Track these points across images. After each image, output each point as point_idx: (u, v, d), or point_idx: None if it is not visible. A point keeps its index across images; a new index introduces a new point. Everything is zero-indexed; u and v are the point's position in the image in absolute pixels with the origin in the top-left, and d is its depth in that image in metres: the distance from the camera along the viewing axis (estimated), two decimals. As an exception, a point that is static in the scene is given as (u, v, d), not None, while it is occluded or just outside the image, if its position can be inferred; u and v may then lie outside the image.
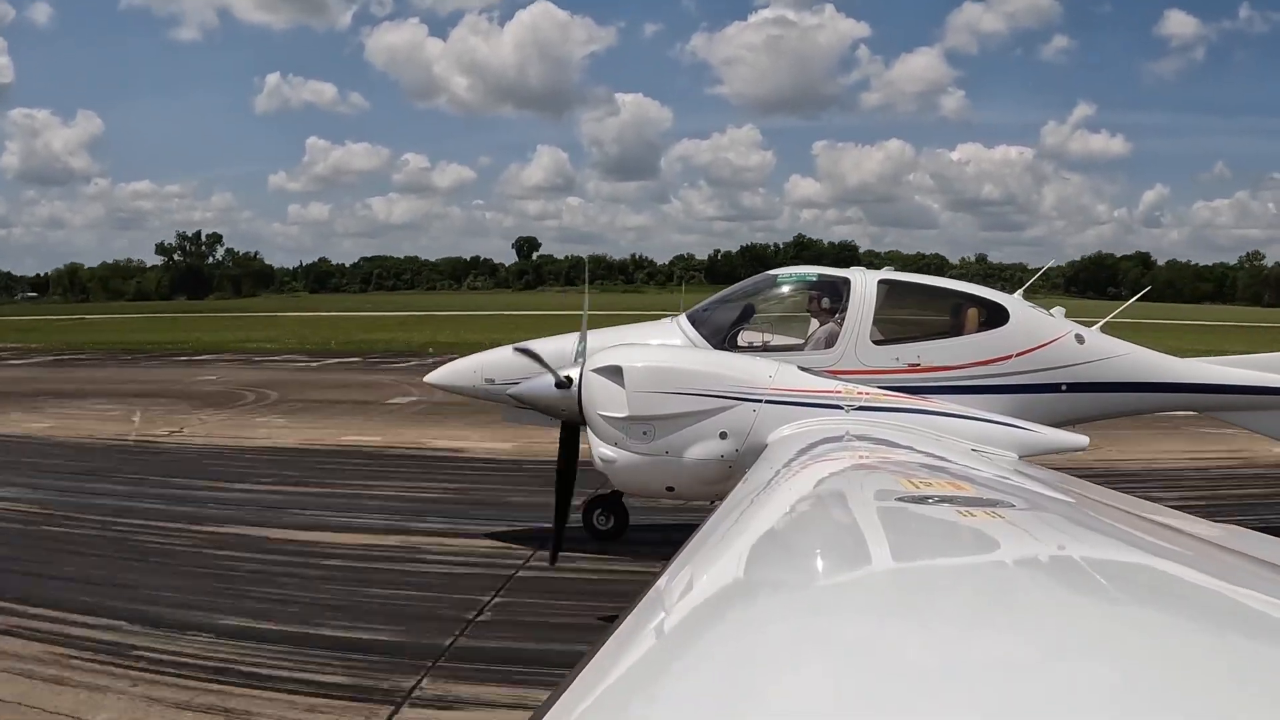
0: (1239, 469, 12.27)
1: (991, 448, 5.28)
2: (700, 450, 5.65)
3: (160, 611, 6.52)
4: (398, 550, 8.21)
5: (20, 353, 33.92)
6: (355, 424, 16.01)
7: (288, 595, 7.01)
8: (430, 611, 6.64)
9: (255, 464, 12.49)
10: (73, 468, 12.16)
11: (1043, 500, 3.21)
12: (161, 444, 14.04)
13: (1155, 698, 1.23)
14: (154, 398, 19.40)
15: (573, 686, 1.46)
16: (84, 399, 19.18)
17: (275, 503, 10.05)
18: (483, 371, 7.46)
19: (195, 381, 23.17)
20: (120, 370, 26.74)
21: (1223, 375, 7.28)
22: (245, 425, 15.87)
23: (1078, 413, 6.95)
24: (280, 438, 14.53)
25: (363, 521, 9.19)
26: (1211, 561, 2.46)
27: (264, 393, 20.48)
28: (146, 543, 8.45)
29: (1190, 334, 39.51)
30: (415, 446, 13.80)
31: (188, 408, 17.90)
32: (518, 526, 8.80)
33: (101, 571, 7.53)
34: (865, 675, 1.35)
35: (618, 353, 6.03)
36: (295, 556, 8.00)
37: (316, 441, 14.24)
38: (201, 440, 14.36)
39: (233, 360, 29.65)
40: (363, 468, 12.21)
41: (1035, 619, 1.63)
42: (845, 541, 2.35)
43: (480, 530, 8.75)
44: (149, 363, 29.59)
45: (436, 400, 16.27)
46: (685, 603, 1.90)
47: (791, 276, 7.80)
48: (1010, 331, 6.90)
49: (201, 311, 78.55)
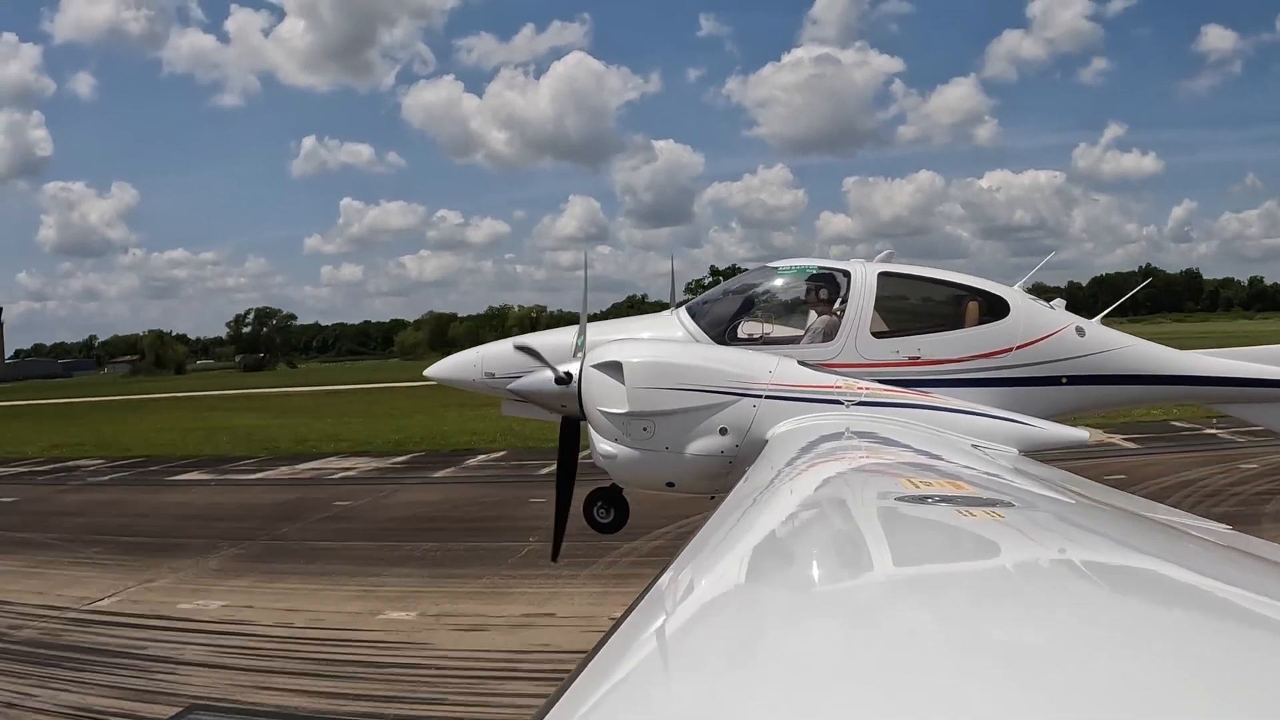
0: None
1: (992, 443, 5.28)
2: (701, 446, 5.65)
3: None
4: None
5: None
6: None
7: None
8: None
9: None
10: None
11: (1043, 499, 3.22)
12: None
13: (1155, 697, 1.23)
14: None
15: (574, 686, 1.47)
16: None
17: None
18: (484, 365, 7.43)
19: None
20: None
21: (1225, 368, 7.26)
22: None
23: (1079, 405, 6.94)
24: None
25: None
26: (1210, 561, 2.47)
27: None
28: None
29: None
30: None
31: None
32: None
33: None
34: (865, 676, 1.35)
35: (617, 348, 6.02)
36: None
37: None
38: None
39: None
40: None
41: (1035, 619, 1.63)
42: (846, 543, 2.35)
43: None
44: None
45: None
46: (686, 604, 1.91)
47: (791, 269, 7.77)
48: (1011, 324, 6.88)
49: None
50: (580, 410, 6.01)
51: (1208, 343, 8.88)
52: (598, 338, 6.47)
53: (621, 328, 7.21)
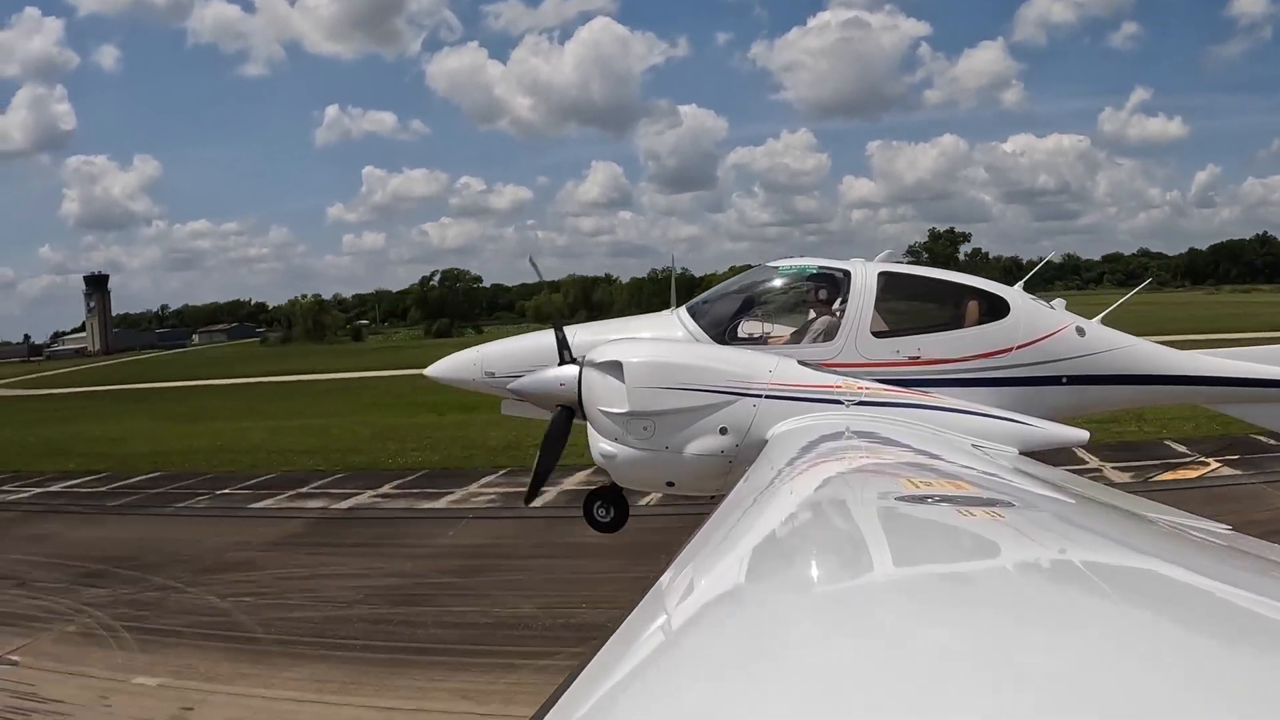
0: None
1: (992, 443, 5.28)
2: (700, 446, 5.65)
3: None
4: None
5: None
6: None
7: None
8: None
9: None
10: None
11: (1043, 499, 3.22)
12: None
13: (1155, 696, 1.23)
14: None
15: (575, 686, 1.47)
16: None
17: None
18: (484, 364, 7.43)
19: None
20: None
21: (1225, 368, 7.26)
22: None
23: (1079, 405, 6.93)
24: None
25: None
26: (1210, 561, 2.47)
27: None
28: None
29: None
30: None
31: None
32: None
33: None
34: (866, 675, 1.35)
35: (617, 347, 6.02)
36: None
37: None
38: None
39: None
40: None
41: (1035, 619, 1.63)
42: (846, 543, 2.36)
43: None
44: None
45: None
46: (686, 604, 1.91)
47: (791, 268, 7.76)
48: (1011, 324, 6.87)
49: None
50: (580, 410, 6.01)
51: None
52: (598, 337, 6.47)
53: (621, 327, 7.21)
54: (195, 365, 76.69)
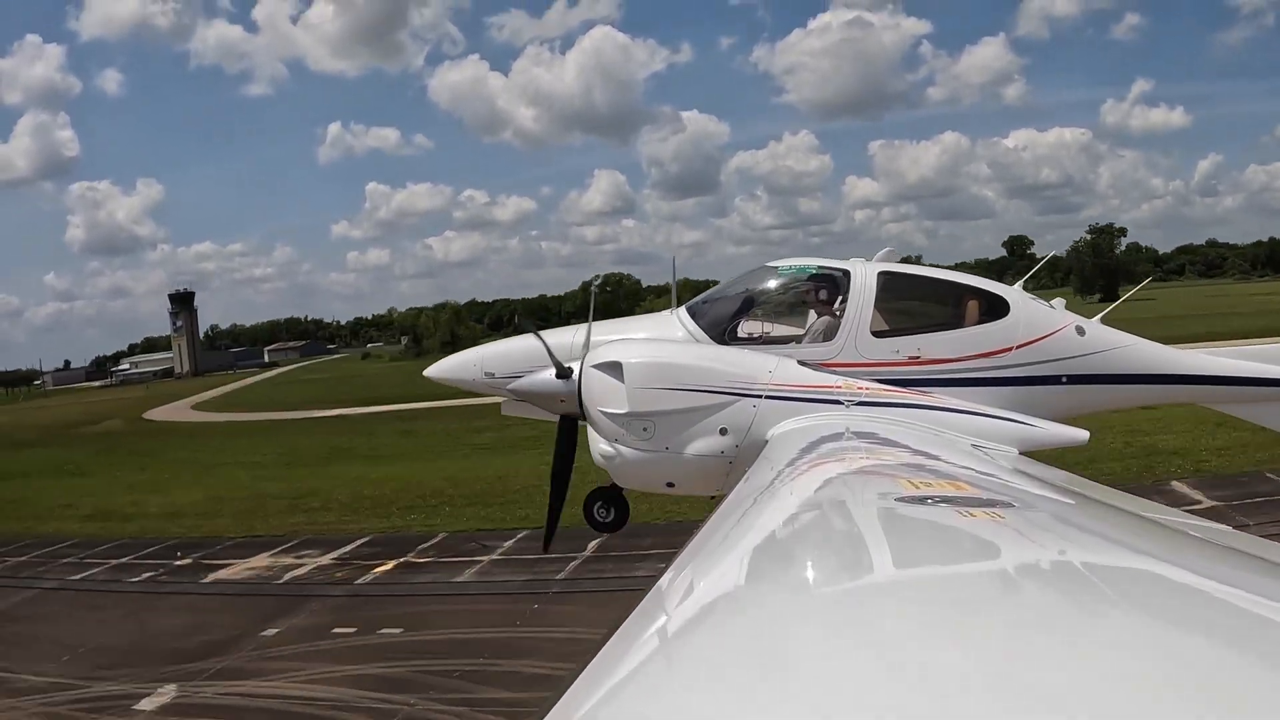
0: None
1: (992, 443, 5.27)
2: (700, 446, 5.64)
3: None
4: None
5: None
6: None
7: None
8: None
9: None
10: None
11: (1042, 500, 3.22)
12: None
13: (1155, 696, 1.24)
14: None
15: (575, 685, 1.47)
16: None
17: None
18: (484, 365, 7.42)
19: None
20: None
21: (1225, 367, 7.25)
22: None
23: (1079, 405, 6.92)
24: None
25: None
26: (1210, 561, 2.47)
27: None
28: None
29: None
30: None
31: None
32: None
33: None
34: (866, 675, 1.36)
35: (617, 348, 6.01)
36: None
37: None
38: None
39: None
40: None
41: (1035, 619, 1.63)
42: (846, 544, 2.35)
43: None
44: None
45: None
46: (686, 604, 1.91)
47: (791, 268, 7.75)
48: (1011, 323, 6.86)
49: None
50: (580, 410, 6.00)
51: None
52: (599, 337, 6.46)
53: (621, 328, 7.21)
54: (375, 385, 67.43)
